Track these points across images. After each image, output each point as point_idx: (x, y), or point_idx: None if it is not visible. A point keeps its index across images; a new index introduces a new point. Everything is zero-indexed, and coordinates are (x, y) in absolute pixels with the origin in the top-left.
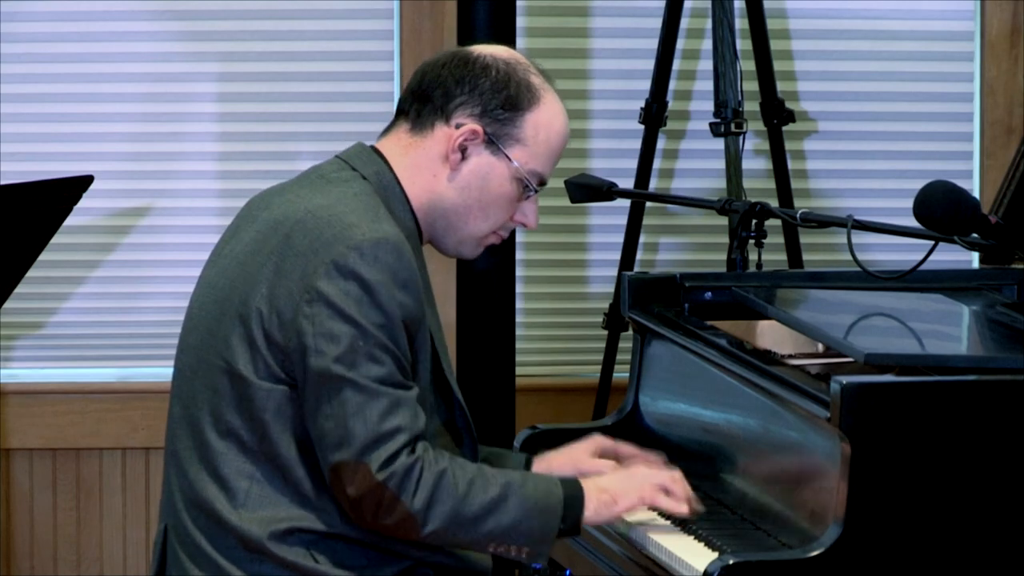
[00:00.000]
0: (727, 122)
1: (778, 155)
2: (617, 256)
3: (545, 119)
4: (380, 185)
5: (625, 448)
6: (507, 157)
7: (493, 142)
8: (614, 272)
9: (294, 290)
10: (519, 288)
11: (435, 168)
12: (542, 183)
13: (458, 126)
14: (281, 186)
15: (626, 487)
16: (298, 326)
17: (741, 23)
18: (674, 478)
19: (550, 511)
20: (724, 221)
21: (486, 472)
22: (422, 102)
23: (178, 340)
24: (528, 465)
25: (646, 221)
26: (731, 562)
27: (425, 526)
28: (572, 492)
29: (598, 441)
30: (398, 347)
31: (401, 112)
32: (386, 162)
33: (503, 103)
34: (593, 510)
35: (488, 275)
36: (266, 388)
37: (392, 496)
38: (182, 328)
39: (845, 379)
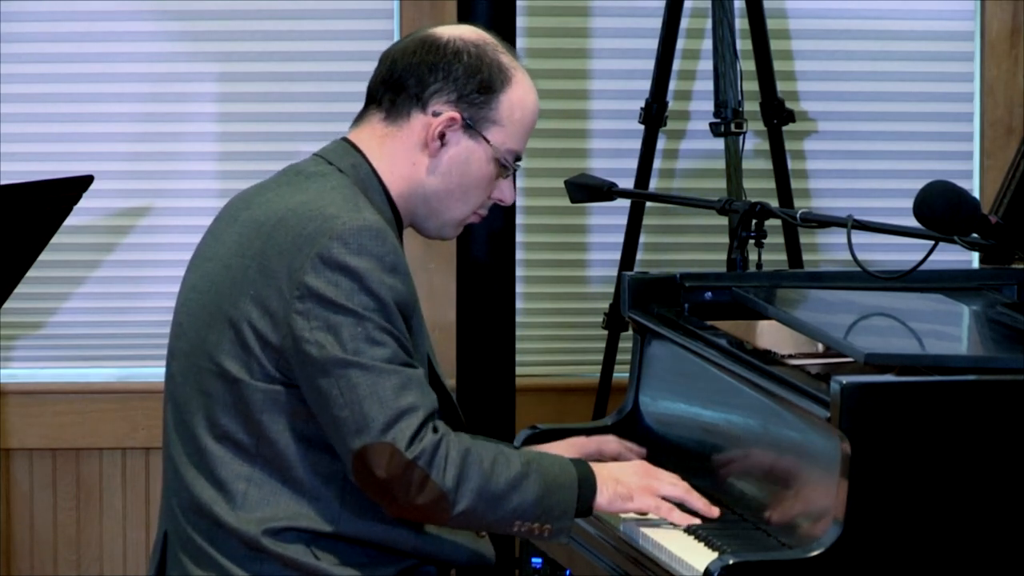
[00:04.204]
0: (727, 122)
1: (778, 155)
2: (617, 256)
3: (518, 97)
4: (357, 177)
5: (610, 448)
6: (485, 140)
7: (471, 126)
8: (614, 272)
9: (283, 289)
10: (519, 288)
11: (414, 156)
12: (518, 159)
13: (435, 114)
14: (260, 186)
15: (642, 487)
16: (292, 323)
17: (741, 23)
18: (688, 490)
19: (568, 488)
20: (724, 221)
21: (505, 450)
22: (396, 91)
23: (167, 346)
24: None
25: (646, 221)
26: (731, 562)
27: (456, 505)
28: (584, 473)
29: (606, 442)
30: (396, 328)
31: (372, 101)
32: (362, 154)
33: (478, 87)
34: (607, 499)
35: (488, 275)
36: (262, 388)
37: (423, 474)
38: (170, 334)
39: (845, 379)
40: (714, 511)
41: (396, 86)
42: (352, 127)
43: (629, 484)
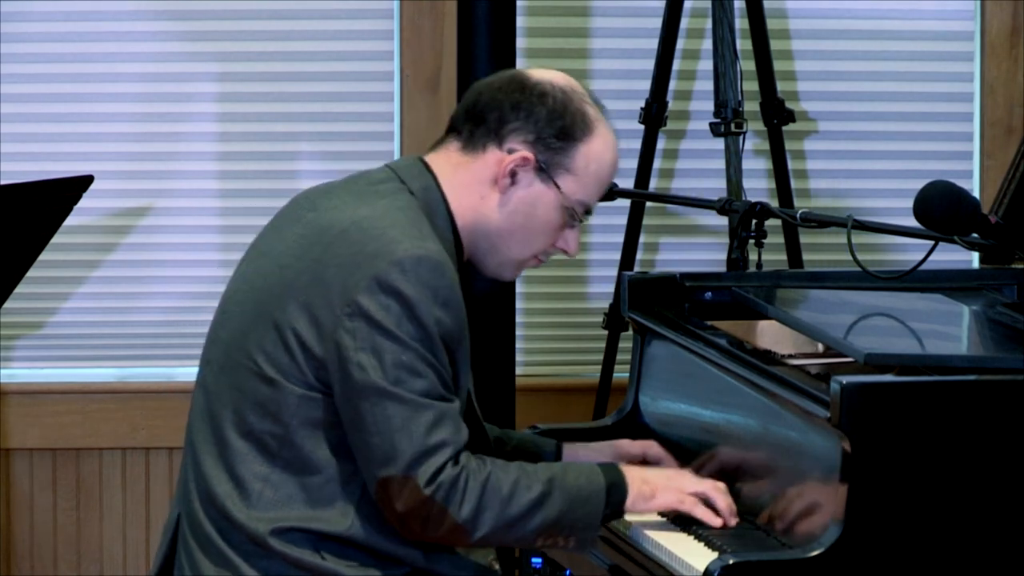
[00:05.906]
0: (727, 122)
1: (778, 155)
2: (617, 256)
3: (597, 151)
4: (426, 201)
5: (654, 452)
6: (556, 186)
7: (544, 170)
8: (614, 272)
9: (335, 302)
10: (519, 288)
11: (483, 190)
12: (588, 212)
13: (510, 151)
14: (328, 187)
15: (668, 486)
16: (338, 339)
17: (741, 23)
18: (717, 487)
19: (594, 499)
20: (724, 221)
21: (528, 470)
22: (476, 123)
23: (208, 329)
24: (558, 452)
25: (646, 221)
26: (731, 562)
27: (475, 532)
28: (614, 479)
29: (649, 446)
30: (438, 360)
31: (453, 129)
32: (434, 177)
33: (557, 132)
34: (632, 500)
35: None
36: (298, 394)
37: (440, 509)
38: (214, 318)
39: (845, 379)
40: (717, 521)
41: (477, 118)
42: (430, 150)
43: (654, 483)
